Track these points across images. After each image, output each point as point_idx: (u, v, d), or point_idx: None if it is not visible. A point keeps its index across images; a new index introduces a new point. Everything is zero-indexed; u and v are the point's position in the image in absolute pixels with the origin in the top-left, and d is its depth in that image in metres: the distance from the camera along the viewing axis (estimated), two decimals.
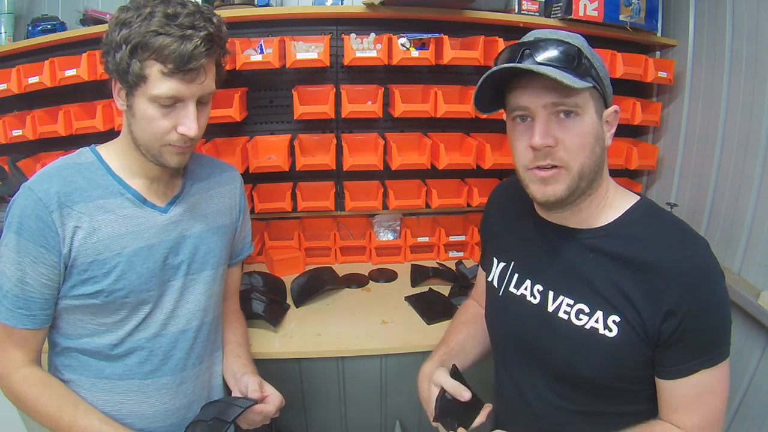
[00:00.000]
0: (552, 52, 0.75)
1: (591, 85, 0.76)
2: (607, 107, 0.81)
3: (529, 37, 0.80)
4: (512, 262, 0.95)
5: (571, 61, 0.75)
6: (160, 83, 0.82)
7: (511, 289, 0.94)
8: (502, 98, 0.84)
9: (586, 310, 0.81)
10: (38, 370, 0.92)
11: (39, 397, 0.89)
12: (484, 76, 0.78)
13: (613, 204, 0.84)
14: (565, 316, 0.83)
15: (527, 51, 0.77)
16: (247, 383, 1.00)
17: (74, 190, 0.88)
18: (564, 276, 0.85)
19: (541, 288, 0.88)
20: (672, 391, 0.78)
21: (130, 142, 0.92)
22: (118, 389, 0.95)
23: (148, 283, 0.94)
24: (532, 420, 0.91)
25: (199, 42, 0.81)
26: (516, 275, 0.94)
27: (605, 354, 0.79)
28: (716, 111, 1.57)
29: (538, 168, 0.78)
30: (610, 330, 0.79)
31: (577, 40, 0.78)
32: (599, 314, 0.80)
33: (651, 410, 0.84)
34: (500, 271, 0.97)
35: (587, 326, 0.81)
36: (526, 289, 0.91)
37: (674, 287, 0.74)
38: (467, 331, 1.09)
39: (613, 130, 0.82)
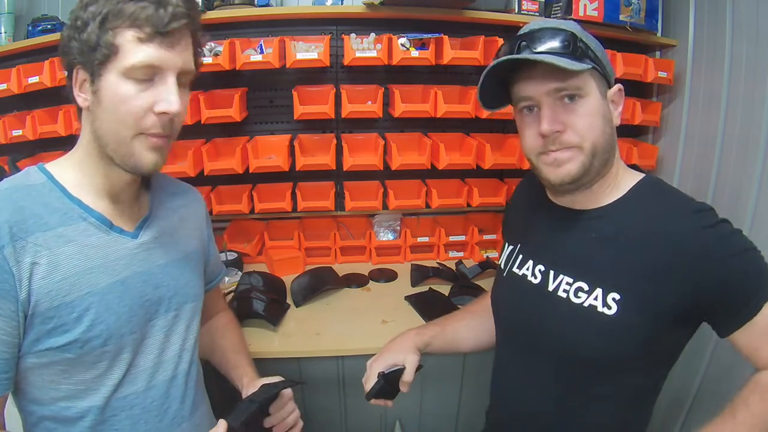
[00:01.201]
0: (548, 41, 0.78)
1: (590, 66, 0.78)
2: (610, 87, 0.84)
3: (524, 29, 0.83)
4: (518, 245, 0.97)
5: (567, 46, 0.78)
6: (136, 50, 0.70)
7: (514, 269, 0.95)
8: (507, 95, 0.87)
9: (585, 287, 0.82)
10: None
11: None
12: (486, 70, 0.81)
13: (620, 184, 0.85)
14: (564, 295, 0.84)
15: (524, 43, 0.80)
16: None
17: (27, 218, 0.71)
18: (566, 256, 0.87)
19: (542, 268, 0.90)
20: (748, 336, 0.77)
21: (92, 150, 0.77)
22: None
23: (129, 324, 0.79)
24: (527, 404, 0.92)
25: (177, 4, 0.71)
26: (520, 257, 0.95)
27: (603, 332, 0.79)
28: (716, 111, 1.57)
29: (551, 150, 0.80)
30: (609, 308, 0.79)
31: (571, 26, 0.81)
32: (598, 291, 0.80)
33: (647, 385, 0.85)
34: (507, 254, 1.00)
35: (586, 304, 0.81)
36: (528, 269, 0.92)
37: (698, 261, 0.74)
38: (470, 321, 1.10)
39: (620, 109, 0.84)
